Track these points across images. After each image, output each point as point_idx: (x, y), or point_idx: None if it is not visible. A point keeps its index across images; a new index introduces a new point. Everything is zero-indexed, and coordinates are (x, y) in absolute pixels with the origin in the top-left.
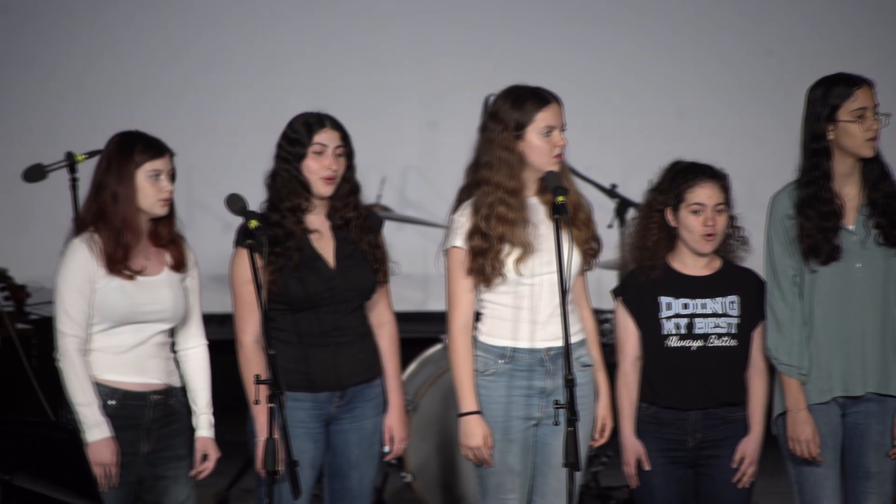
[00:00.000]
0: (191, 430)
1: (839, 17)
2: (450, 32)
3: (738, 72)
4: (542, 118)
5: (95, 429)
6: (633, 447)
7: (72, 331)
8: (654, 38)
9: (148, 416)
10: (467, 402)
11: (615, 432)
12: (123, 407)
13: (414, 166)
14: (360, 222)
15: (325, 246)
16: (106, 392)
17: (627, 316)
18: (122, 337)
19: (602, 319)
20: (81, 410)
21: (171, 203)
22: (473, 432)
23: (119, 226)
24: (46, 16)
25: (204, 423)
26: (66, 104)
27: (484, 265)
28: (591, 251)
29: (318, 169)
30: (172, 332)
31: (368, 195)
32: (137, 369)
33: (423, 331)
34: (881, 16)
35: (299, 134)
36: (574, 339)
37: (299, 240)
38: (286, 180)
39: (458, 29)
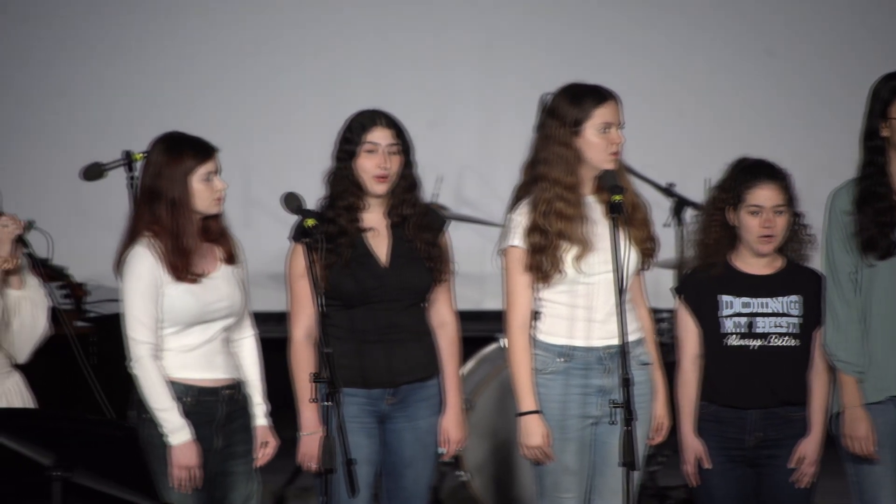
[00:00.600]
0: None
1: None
2: (509, 32)
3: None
4: (600, 115)
5: (178, 432)
6: (692, 446)
7: (144, 337)
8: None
9: (220, 411)
10: (526, 401)
11: (673, 431)
12: (198, 403)
13: (471, 165)
14: (417, 220)
15: (379, 243)
16: (181, 390)
17: (688, 314)
18: (193, 336)
19: (659, 318)
20: (162, 415)
21: None
22: (533, 431)
23: (177, 232)
24: (108, 15)
25: (260, 413)
26: (124, 103)
27: (542, 262)
28: (648, 251)
29: (371, 167)
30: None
31: (424, 194)
32: (208, 365)
33: (479, 329)
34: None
35: (352, 133)
36: (631, 338)
37: (352, 237)
38: (340, 179)
39: (518, 29)
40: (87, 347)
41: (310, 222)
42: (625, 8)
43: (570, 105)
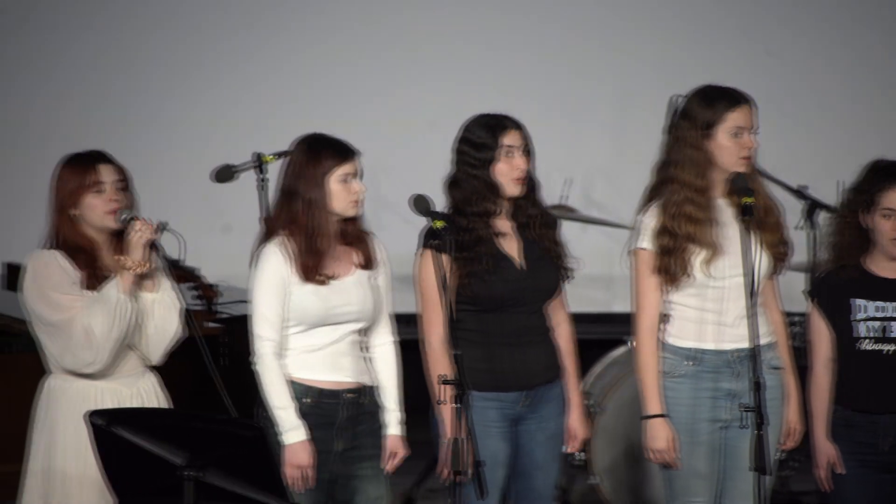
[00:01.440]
0: (381, 429)
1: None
2: (641, 34)
3: None
4: (733, 118)
5: (293, 432)
6: (825, 450)
7: (268, 334)
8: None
9: (342, 414)
10: (652, 404)
11: (805, 436)
12: (318, 405)
13: (599, 167)
14: (541, 219)
15: (512, 248)
16: (301, 390)
17: (820, 318)
18: (317, 337)
19: (791, 322)
20: (278, 413)
21: None
22: (658, 435)
23: (312, 232)
24: (238, 20)
25: (393, 421)
26: (254, 105)
27: (670, 264)
28: (780, 255)
29: (510, 171)
30: (364, 331)
31: (553, 196)
32: (331, 367)
33: (607, 332)
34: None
35: (484, 138)
36: (763, 342)
37: (488, 244)
38: (474, 185)
39: (651, 30)
40: (218, 348)
41: (438, 224)
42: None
43: (703, 107)
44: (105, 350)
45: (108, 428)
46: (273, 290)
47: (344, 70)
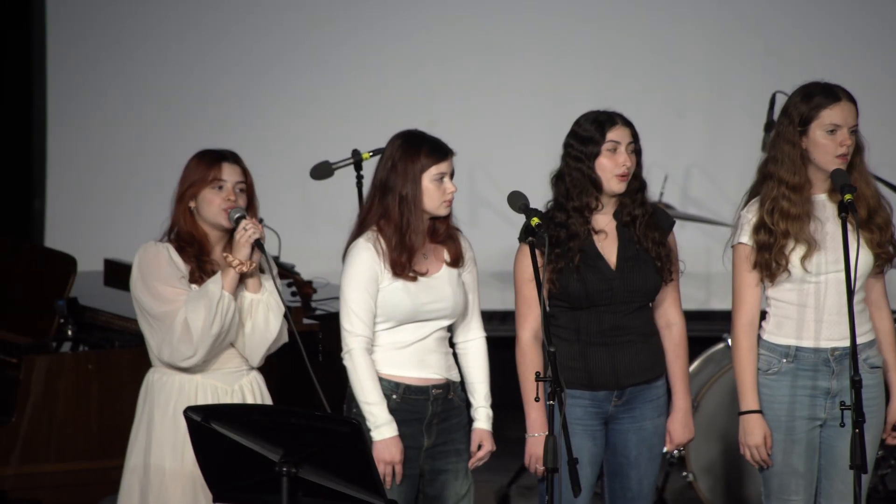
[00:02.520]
0: (470, 425)
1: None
2: (740, 33)
3: None
4: (829, 115)
5: (383, 427)
6: None
7: (358, 330)
8: None
9: (429, 410)
10: (748, 400)
11: None
12: (405, 401)
13: (697, 164)
14: (645, 220)
15: (608, 246)
16: (389, 387)
17: None
18: (405, 334)
19: None
20: (369, 409)
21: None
22: (753, 431)
23: (405, 228)
24: (336, 19)
25: (482, 416)
26: (353, 102)
27: (769, 260)
28: (885, 255)
29: (613, 167)
30: (451, 326)
31: (650, 193)
32: (419, 364)
33: (705, 329)
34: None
35: (591, 132)
36: (862, 340)
37: (583, 240)
38: (577, 179)
39: (749, 29)
40: (315, 345)
41: (535, 221)
42: None
43: (801, 103)
44: (203, 345)
45: (204, 423)
46: (364, 285)
47: (440, 66)
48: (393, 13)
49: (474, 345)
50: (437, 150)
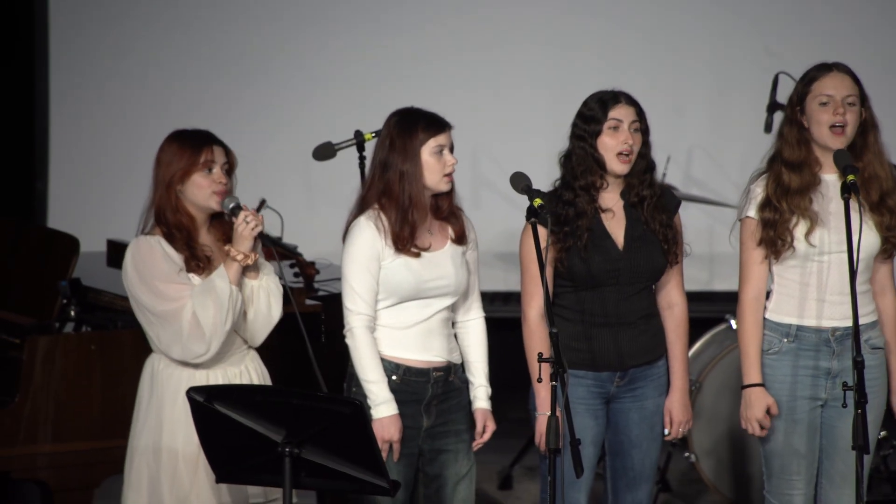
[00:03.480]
0: (470, 405)
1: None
2: (742, 11)
3: None
4: (819, 87)
5: (383, 405)
6: None
7: (360, 308)
8: None
9: (429, 392)
10: (752, 374)
11: None
12: (405, 382)
13: (700, 145)
14: (653, 201)
15: (615, 226)
16: (390, 368)
17: None
18: (408, 313)
19: None
20: (369, 387)
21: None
22: (753, 403)
23: (407, 204)
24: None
25: (482, 395)
26: (355, 83)
27: (774, 237)
28: (894, 239)
29: (615, 145)
30: (452, 308)
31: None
32: (421, 346)
33: (707, 310)
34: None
35: (594, 111)
36: (864, 321)
37: (590, 219)
38: (581, 158)
39: (752, 7)
40: (317, 326)
41: (537, 202)
42: None
43: (800, 82)
44: (216, 341)
45: (207, 404)
46: (365, 263)
47: (442, 48)
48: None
49: (474, 324)
50: (434, 124)
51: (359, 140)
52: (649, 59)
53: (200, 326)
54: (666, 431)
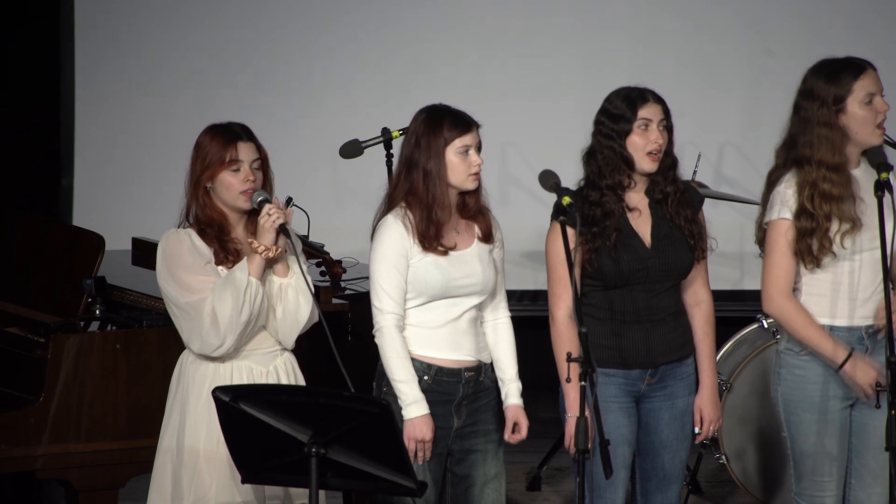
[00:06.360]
0: (500, 405)
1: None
2: (776, 9)
3: None
4: (861, 86)
5: (413, 405)
6: None
7: (389, 307)
8: None
9: (460, 392)
10: (838, 351)
11: None
12: (437, 383)
13: (731, 142)
14: (677, 197)
15: (642, 224)
16: (421, 368)
17: None
18: (437, 312)
19: None
20: (400, 387)
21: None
22: (867, 369)
23: (431, 203)
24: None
25: (513, 392)
26: (382, 80)
27: (812, 245)
28: None
29: (644, 144)
30: (479, 308)
31: (684, 172)
32: (452, 346)
33: (739, 309)
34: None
35: (622, 110)
36: None
37: (618, 218)
38: (608, 157)
39: (786, 5)
40: (344, 325)
41: (566, 200)
42: None
43: (828, 83)
44: (231, 333)
45: (232, 403)
46: (393, 261)
47: (473, 42)
48: None
49: (502, 323)
50: (460, 123)
51: (386, 137)
52: (680, 57)
53: (217, 319)
54: (696, 430)
